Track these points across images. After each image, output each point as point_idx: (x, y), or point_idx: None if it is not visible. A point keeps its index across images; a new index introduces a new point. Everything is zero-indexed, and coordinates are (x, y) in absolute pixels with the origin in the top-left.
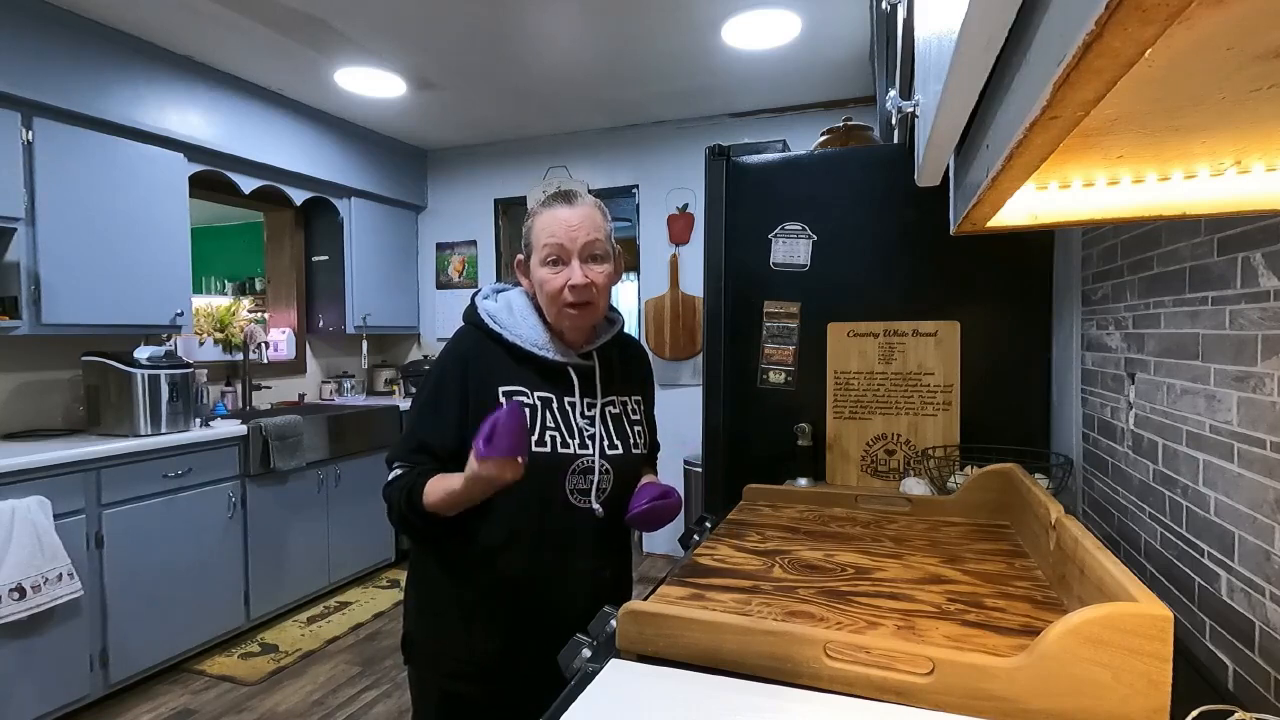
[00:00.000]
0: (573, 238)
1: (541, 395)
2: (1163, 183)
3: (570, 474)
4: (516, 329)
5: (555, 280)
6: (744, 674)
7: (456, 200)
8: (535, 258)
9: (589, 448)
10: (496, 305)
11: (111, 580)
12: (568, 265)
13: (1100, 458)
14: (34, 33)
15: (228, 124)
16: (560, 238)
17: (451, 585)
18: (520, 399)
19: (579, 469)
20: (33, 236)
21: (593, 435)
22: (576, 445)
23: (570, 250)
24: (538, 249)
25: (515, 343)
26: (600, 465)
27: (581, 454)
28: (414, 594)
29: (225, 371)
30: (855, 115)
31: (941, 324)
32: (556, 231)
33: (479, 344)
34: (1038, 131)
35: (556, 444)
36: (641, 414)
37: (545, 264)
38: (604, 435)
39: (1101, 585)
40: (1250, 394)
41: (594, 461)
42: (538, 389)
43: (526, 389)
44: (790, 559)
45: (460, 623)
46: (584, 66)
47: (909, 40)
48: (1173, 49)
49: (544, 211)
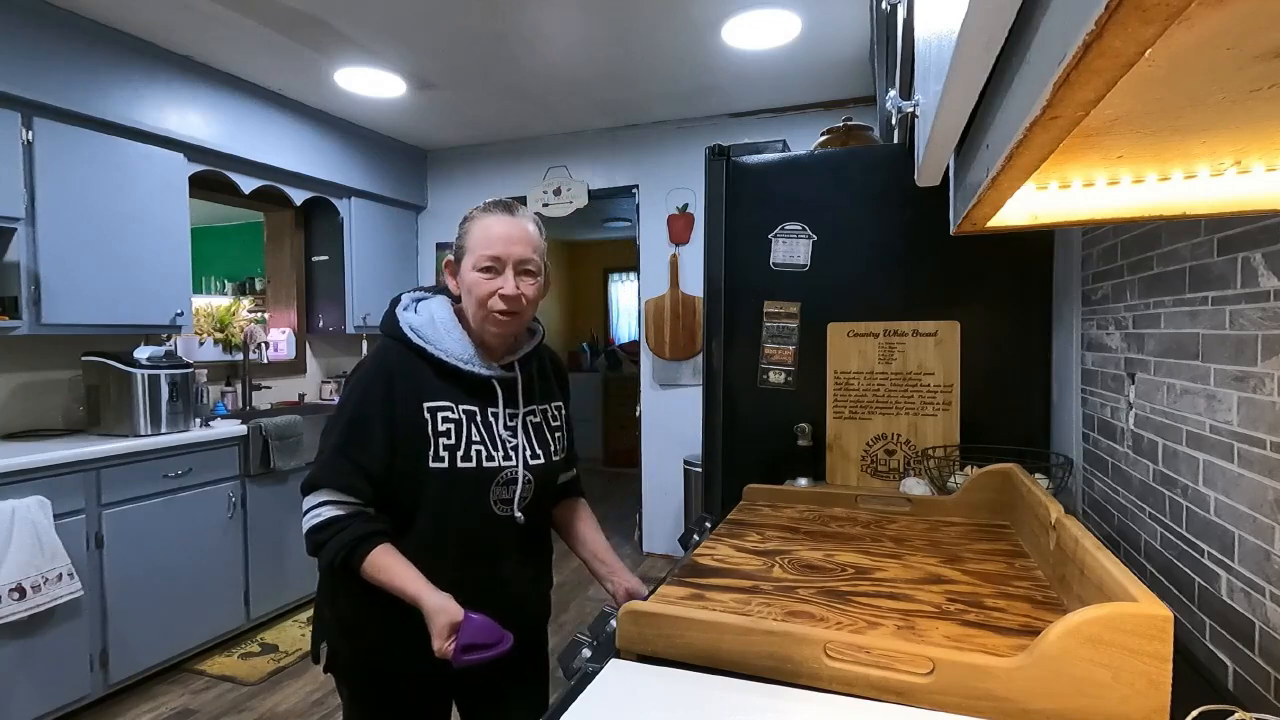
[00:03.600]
0: (509, 250)
1: (466, 409)
2: (1163, 183)
3: (495, 485)
4: (441, 343)
5: (487, 286)
6: (744, 674)
7: (456, 200)
8: (468, 261)
9: (513, 459)
10: (419, 318)
11: (111, 580)
12: (501, 275)
13: (1100, 458)
14: (34, 33)
15: (228, 124)
16: (497, 249)
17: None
18: (446, 414)
19: (502, 480)
20: (33, 236)
21: (515, 446)
22: (501, 458)
23: (505, 261)
24: (472, 254)
25: (440, 358)
26: (524, 476)
27: (506, 465)
28: (333, 608)
29: (225, 371)
30: (855, 115)
31: (941, 324)
32: (494, 242)
33: (402, 359)
34: (1038, 131)
35: (482, 458)
36: (561, 419)
37: (478, 270)
38: (526, 445)
39: (1101, 585)
40: (1250, 394)
41: (518, 472)
42: (462, 403)
43: (452, 404)
44: (790, 559)
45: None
46: (584, 66)
47: (909, 40)
48: (1173, 49)
49: (483, 218)
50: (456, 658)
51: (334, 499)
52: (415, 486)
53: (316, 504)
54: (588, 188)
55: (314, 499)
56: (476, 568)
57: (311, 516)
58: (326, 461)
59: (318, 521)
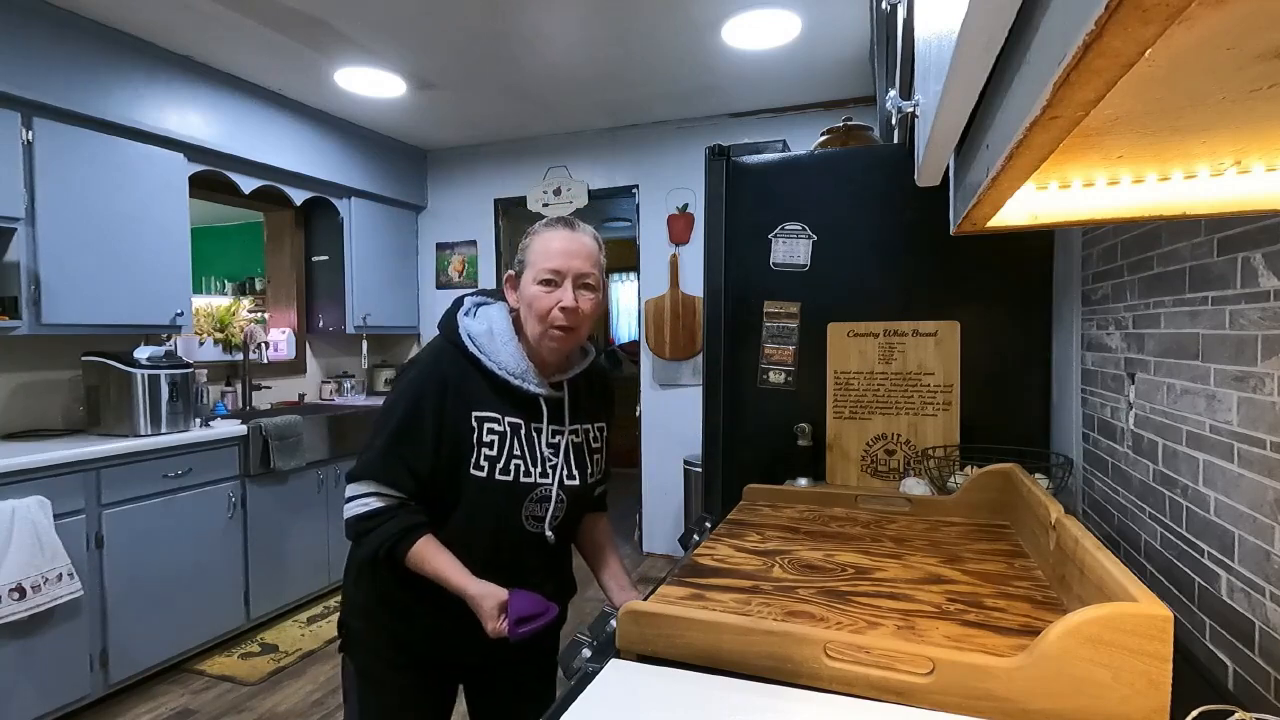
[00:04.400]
0: (569, 264)
1: (512, 421)
2: (1163, 183)
3: (528, 501)
4: (497, 355)
5: (546, 300)
6: (744, 674)
7: (456, 200)
8: (529, 275)
9: (549, 477)
10: (478, 326)
11: (111, 580)
12: (560, 287)
13: (1100, 458)
14: (34, 33)
15: (228, 124)
16: (556, 262)
17: (400, 589)
18: (492, 425)
19: (536, 497)
20: (33, 236)
21: (554, 465)
22: (538, 474)
23: (565, 274)
24: (533, 268)
25: (493, 370)
26: (557, 495)
27: (542, 483)
28: (359, 589)
29: (225, 371)
30: (855, 115)
31: (941, 324)
32: (554, 255)
33: (456, 364)
34: (1038, 131)
35: (520, 473)
36: (602, 441)
37: (538, 283)
38: (565, 465)
39: (1101, 585)
40: (1250, 394)
41: (552, 491)
42: (509, 415)
43: (499, 415)
44: (790, 559)
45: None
46: (584, 66)
47: (909, 40)
48: (1173, 49)
49: (545, 233)
50: (513, 632)
51: (380, 490)
52: (452, 491)
53: (363, 493)
54: (588, 188)
55: (361, 488)
56: (498, 577)
57: (358, 505)
58: (377, 456)
59: (364, 511)
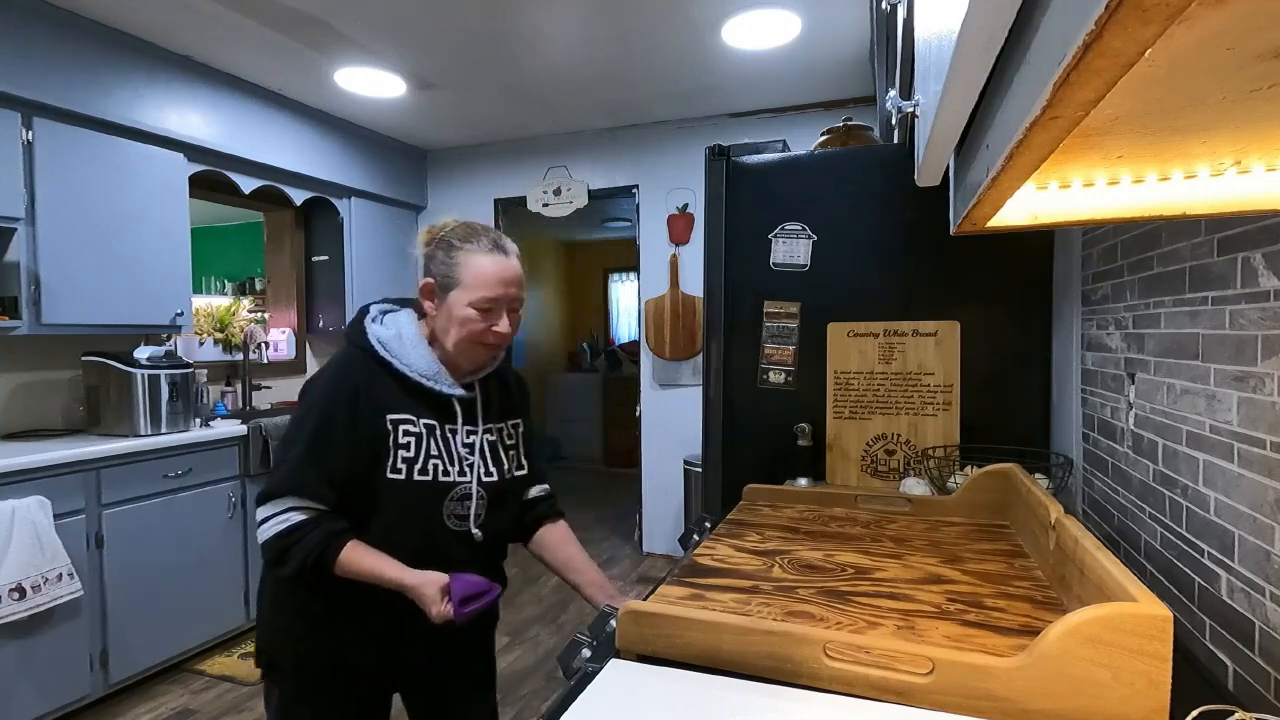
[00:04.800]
0: (506, 292)
1: (426, 423)
2: (1163, 183)
3: (449, 500)
4: (407, 358)
5: (480, 324)
6: (744, 674)
7: (456, 200)
8: (460, 295)
9: (468, 475)
10: (386, 332)
11: (111, 580)
12: (495, 314)
13: (1100, 458)
14: (34, 33)
15: (228, 124)
16: (496, 291)
17: (327, 603)
18: (407, 427)
19: (457, 495)
20: (33, 236)
21: (471, 464)
22: (456, 473)
23: (501, 302)
24: (467, 290)
25: (404, 373)
26: (477, 492)
27: (460, 481)
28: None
29: (225, 371)
30: (855, 115)
31: (941, 324)
32: (493, 284)
33: (367, 370)
34: (1038, 131)
35: (439, 472)
36: (517, 438)
37: (474, 308)
38: (481, 463)
39: (1101, 585)
40: (1250, 394)
41: (471, 488)
42: (423, 417)
43: (414, 417)
44: (790, 559)
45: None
46: (584, 66)
47: (909, 40)
48: (1173, 49)
49: (478, 256)
50: (458, 613)
51: (300, 504)
52: (370, 496)
53: (280, 510)
54: (588, 188)
55: (277, 506)
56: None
57: (277, 522)
58: (291, 471)
59: (284, 527)
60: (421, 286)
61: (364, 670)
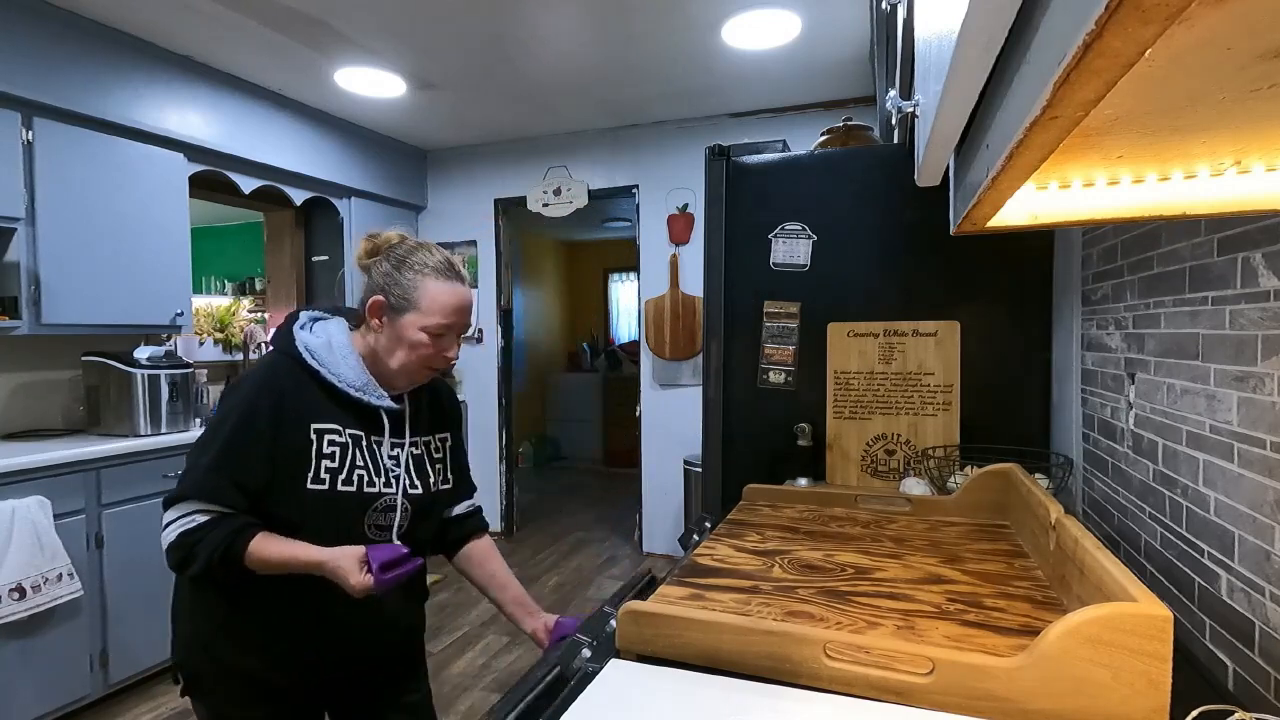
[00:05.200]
0: (460, 320)
1: (352, 433)
2: (1163, 183)
3: (372, 511)
4: (336, 368)
5: (431, 349)
6: (743, 674)
7: (456, 200)
8: (414, 318)
9: (393, 486)
10: (315, 340)
11: (111, 580)
12: (446, 339)
13: (1100, 458)
14: (34, 33)
15: (228, 124)
16: (451, 319)
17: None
18: (332, 436)
19: (381, 506)
20: (33, 236)
21: (397, 475)
22: (381, 484)
23: (454, 329)
24: (421, 314)
25: (332, 382)
26: (402, 504)
27: (385, 492)
28: (193, 623)
29: (225, 371)
30: (855, 115)
31: (941, 324)
32: (449, 311)
33: (293, 377)
34: (1038, 131)
35: (363, 483)
36: (445, 452)
37: (427, 332)
38: (407, 476)
39: (1101, 585)
40: (1250, 394)
41: (397, 500)
42: (349, 427)
43: (339, 426)
44: (790, 559)
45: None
46: (584, 67)
47: (909, 40)
48: (1173, 49)
49: (436, 282)
50: (379, 579)
51: (204, 508)
52: (290, 507)
53: (183, 514)
54: (588, 188)
55: (181, 509)
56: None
57: (179, 525)
58: (201, 475)
59: (189, 527)
60: (371, 304)
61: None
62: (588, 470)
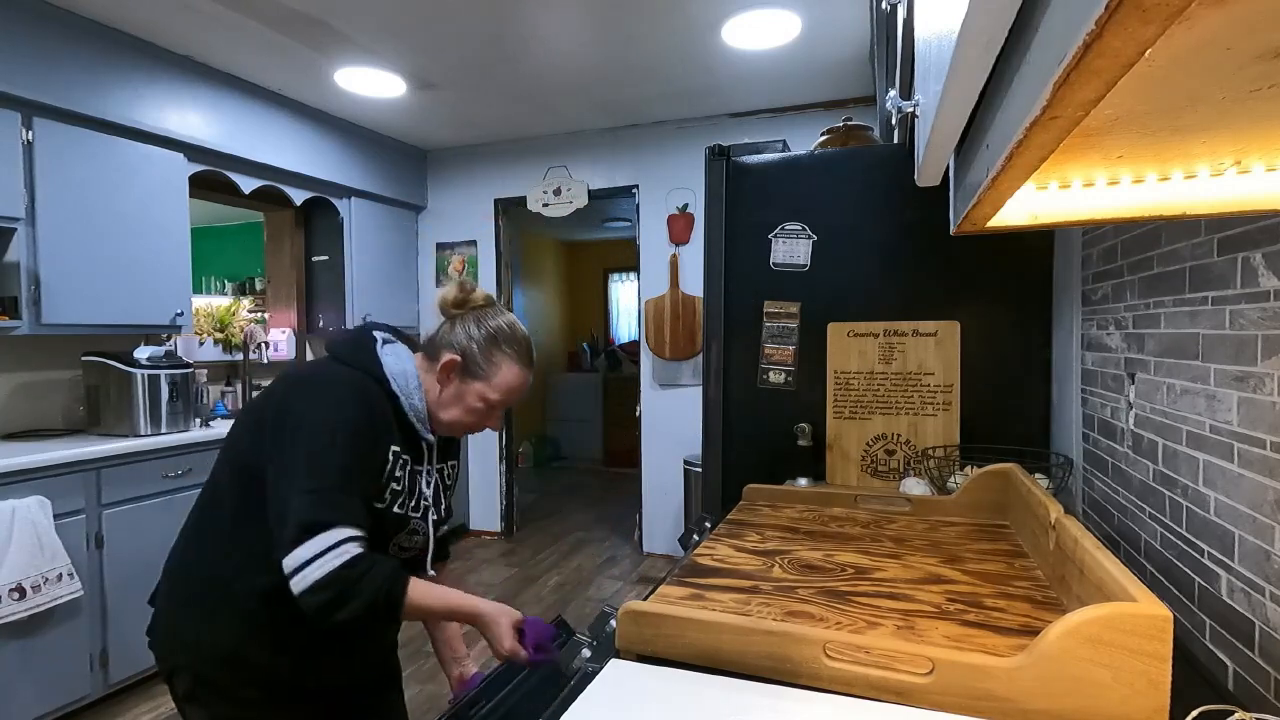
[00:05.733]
0: (519, 399)
1: (411, 457)
2: (1163, 183)
3: (401, 533)
4: (411, 398)
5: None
6: (743, 674)
7: (456, 200)
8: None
9: (419, 512)
10: (395, 366)
11: (111, 580)
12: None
13: (1100, 458)
14: (34, 33)
15: (228, 124)
16: (514, 398)
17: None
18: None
19: (409, 530)
20: (33, 236)
21: (428, 503)
22: (411, 508)
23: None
24: (492, 388)
25: (406, 411)
26: (430, 530)
27: (413, 517)
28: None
29: (225, 371)
30: (855, 115)
31: (941, 324)
32: (514, 392)
33: (378, 398)
34: (1038, 131)
35: (409, 507)
36: (454, 479)
37: (486, 404)
38: (433, 503)
39: (1101, 585)
40: (1250, 394)
41: (424, 526)
42: (407, 452)
43: (405, 452)
44: (790, 559)
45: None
46: (584, 67)
47: (909, 40)
48: (1173, 49)
49: (517, 367)
50: (533, 656)
51: (355, 535)
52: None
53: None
54: (588, 188)
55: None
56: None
57: (333, 557)
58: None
59: (347, 559)
60: (446, 362)
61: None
62: (588, 470)
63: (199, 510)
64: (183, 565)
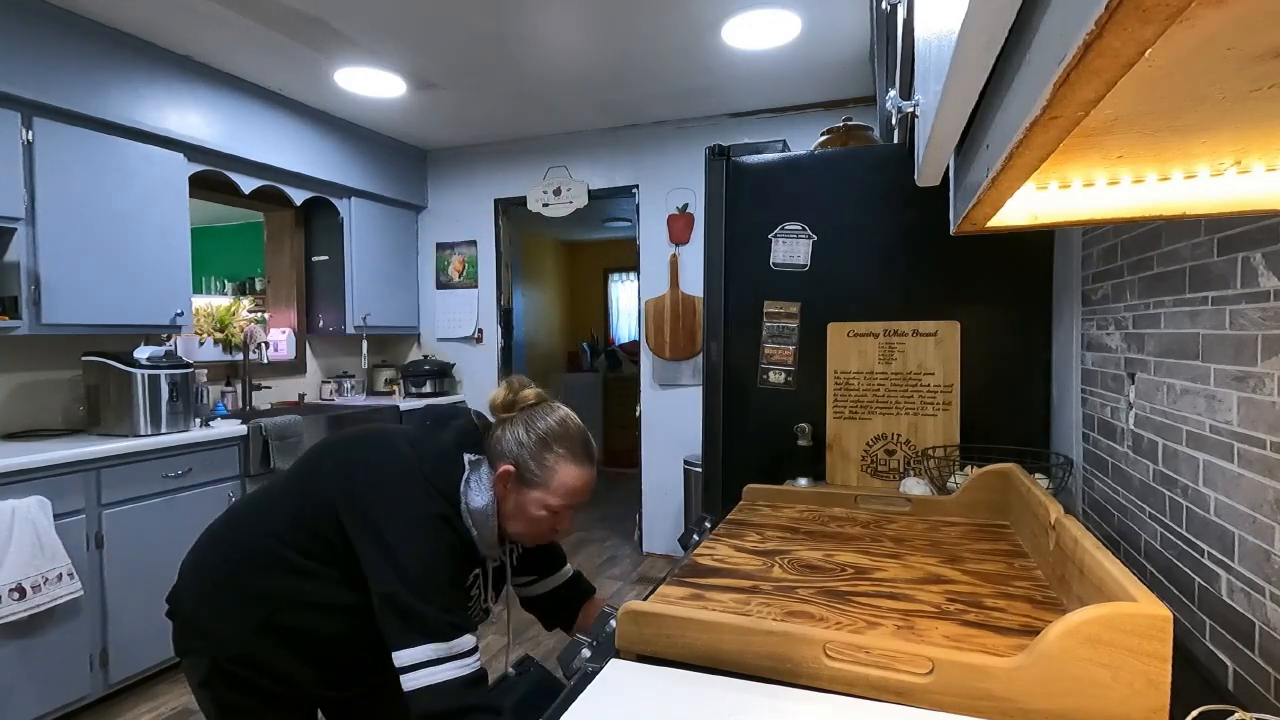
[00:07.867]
0: (584, 499)
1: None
2: (1163, 183)
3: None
4: (484, 541)
5: (547, 523)
6: (744, 674)
7: (456, 200)
8: (539, 495)
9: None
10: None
11: (111, 580)
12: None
13: (1100, 458)
14: (34, 33)
15: (228, 124)
16: (576, 500)
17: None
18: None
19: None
20: (33, 236)
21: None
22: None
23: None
24: (550, 493)
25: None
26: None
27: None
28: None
29: (225, 371)
30: (855, 115)
31: (941, 324)
32: (577, 494)
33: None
34: (1038, 131)
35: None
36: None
37: (548, 510)
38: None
39: (1101, 585)
40: (1250, 394)
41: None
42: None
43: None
44: (790, 559)
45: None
46: (584, 67)
47: (909, 40)
48: (1173, 49)
49: (572, 466)
50: None
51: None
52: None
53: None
54: (588, 188)
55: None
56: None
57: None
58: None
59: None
60: (500, 473)
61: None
62: None
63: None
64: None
